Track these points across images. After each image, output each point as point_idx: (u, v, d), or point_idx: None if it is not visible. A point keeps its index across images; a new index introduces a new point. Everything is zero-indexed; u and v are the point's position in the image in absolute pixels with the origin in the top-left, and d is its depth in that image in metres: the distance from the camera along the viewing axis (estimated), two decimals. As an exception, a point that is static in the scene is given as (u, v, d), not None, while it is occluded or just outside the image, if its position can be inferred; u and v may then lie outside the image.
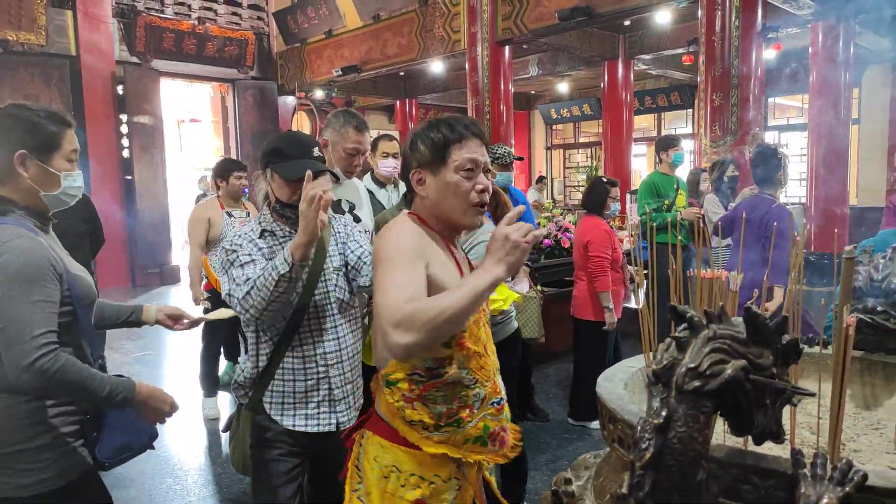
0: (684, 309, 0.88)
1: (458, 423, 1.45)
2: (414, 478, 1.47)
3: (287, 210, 1.86)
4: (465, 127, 1.47)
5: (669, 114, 14.37)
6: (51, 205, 1.63)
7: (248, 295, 1.72)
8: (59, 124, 1.60)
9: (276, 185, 1.86)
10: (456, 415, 1.45)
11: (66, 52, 9.89)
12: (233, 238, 1.86)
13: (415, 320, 1.26)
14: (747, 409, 0.83)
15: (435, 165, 1.46)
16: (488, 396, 1.48)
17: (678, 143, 5.01)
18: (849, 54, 7.90)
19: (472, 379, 1.46)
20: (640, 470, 0.77)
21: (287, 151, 1.85)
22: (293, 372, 1.87)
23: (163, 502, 3.25)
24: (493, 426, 1.49)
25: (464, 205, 1.45)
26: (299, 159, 1.83)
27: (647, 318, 1.38)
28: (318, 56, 11.78)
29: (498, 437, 1.51)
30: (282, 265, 1.68)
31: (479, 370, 1.47)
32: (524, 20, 8.39)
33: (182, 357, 6.22)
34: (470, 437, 1.47)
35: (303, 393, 1.88)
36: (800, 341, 0.89)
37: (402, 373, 1.46)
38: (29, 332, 1.44)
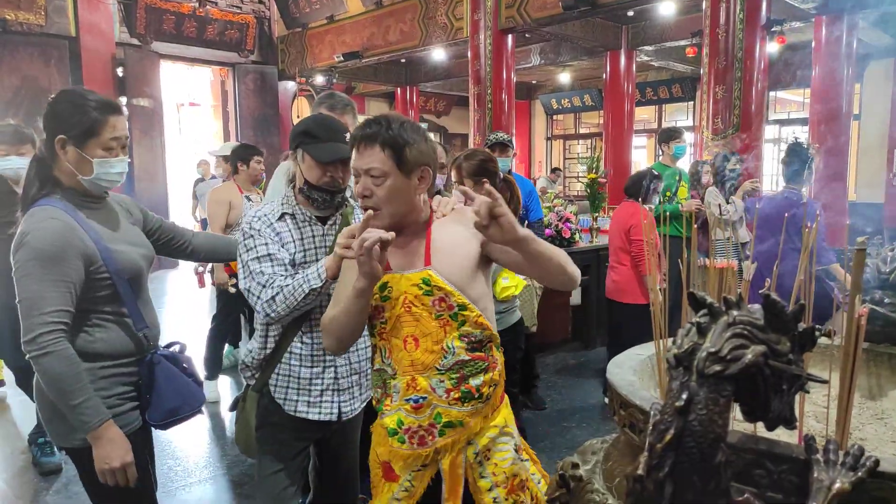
0: (703, 295, 0.89)
1: (381, 410, 1.59)
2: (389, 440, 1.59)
3: (315, 192, 1.85)
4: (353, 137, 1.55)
5: (670, 106, 14.36)
6: (90, 188, 1.72)
7: (273, 301, 1.74)
8: (103, 112, 1.67)
9: (307, 167, 1.84)
10: (382, 401, 1.59)
11: (65, 33, 9.81)
12: (251, 220, 1.85)
13: (322, 325, 1.61)
14: (764, 394, 0.84)
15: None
16: (402, 391, 1.52)
17: (680, 135, 5.02)
18: (851, 49, 7.90)
19: (393, 370, 1.54)
20: (660, 451, 0.78)
21: (318, 133, 1.84)
22: (300, 357, 1.89)
23: (164, 484, 3.27)
24: (409, 422, 1.52)
25: None
26: (331, 142, 1.83)
27: (657, 306, 1.39)
28: (320, 41, 11.72)
29: (415, 434, 1.53)
30: (314, 280, 1.71)
31: (397, 363, 1.53)
32: (527, 9, 8.36)
33: (181, 340, 6.22)
34: (387, 426, 1.55)
35: (308, 379, 1.89)
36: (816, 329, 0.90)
37: None
38: (39, 308, 1.56)
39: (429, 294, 1.50)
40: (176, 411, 1.81)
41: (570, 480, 1.46)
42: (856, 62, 8.12)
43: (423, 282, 1.50)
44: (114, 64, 10.30)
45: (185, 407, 1.84)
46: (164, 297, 8.65)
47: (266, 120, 12.35)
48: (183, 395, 1.82)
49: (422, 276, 1.50)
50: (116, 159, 1.71)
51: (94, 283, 1.67)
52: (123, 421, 1.72)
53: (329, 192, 1.85)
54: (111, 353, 1.72)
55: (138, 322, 1.77)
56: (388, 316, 1.52)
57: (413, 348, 1.50)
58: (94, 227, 1.70)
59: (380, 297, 1.51)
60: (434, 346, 1.50)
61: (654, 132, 14.86)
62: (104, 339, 1.71)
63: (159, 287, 9.19)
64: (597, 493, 1.34)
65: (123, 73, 10.31)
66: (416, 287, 1.50)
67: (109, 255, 1.68)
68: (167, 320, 7.12)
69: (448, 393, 1.51)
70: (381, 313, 1.53)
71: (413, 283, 1.50)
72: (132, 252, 1.78)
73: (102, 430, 1.62)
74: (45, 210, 1.64)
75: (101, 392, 1.67)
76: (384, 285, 1.50)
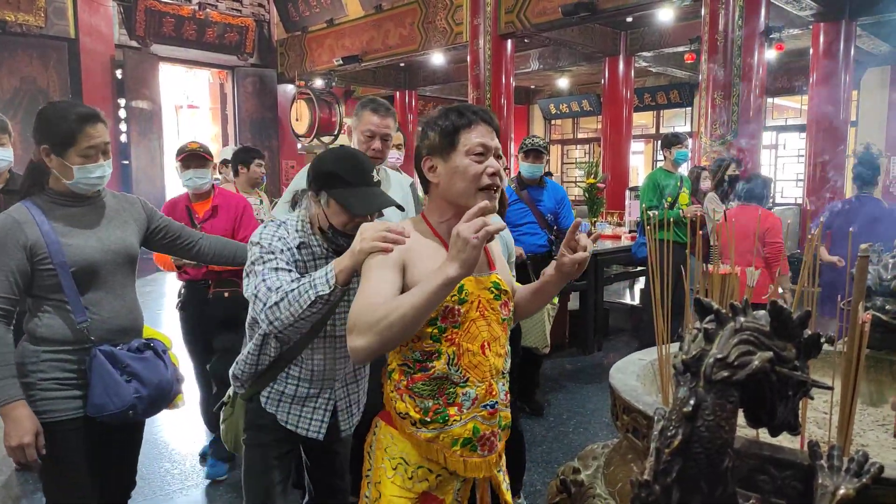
0: (710, 302, 0.89)
1: (444, 420, 1.44)
2: (421, 470, 1.48)
3: (339, 237, 1.73)
4: (475, 113, 1.46)
5: (668, 111, 14.40)
6: (76, 191, 1.88)
7: (277, 306, 1.57)
8: (80, 123, 1.82)
9: (332, 212, 1.71)
10: (443, 411, 1.44)
11: (65, 35, 9.81)
12: (270, 238, 1.71)
13: (364, 324, 1.31)
14: (771, 400, 0.85)
15: (445, 151, 1.44)
16: (480, 398, 1.45)
17: (682, 141, 5.03)
18: (849, 56, 7.95)
19: (461, 377, 1.44)
20: (668, 457, 0.78)
21: (348, 177, 1.69)
22: (297, 380, 1.84)
23: (160, 486, 3.27)
24: (484, 429, 1.47)
25: (473, 188, 1.43)
26: (362, 187, 1.70)
27: (659, 312, 1.40)
28: (319, 45, 11.74)
29: (488, 441, 1.48)
30: (322, 285, 1.53)
31: (471, 369, 1.44)
32: (527, 14, 8.39)
33: (178, 342, 6.21)
34: (458, 437, 1.45)
35: (302, 398, 1.85)
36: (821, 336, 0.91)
37: (395, 363, 1.49)
38: None
39: (497, 298, 1.50)
40: (102, 408, 1.86)
41: (572, 485, 1.46)
42: (853, 69, 8.16)
43: (494, 285, 1.50)
44: (113, 66, 10.30)
45: (110, 405, 1.86)
46: (162, 298, 8.64)
47: (265, 123, 12.35)
48: (108, 393, 1.86)
49: (492, 280, 1.50)
50: (95, 165, 1.85)
51: (39, 273, 1.81)
52: (59, 406, 1.84)
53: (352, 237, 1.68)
54: (51, 339, 1.84)
55: (78, 313, 1.84)
56: (461, 320, 1.44)
57: (489, 353, 1.47)
58: (52, 223, 1.84)
59: (457, 299, 1.43)
60: (500, 349, 1.51)
61: (653, 138, 14.91)
62: (48, 325, 1.84)
63: (156, 290, 9.18)
64: (599, 497, 1.34)
65: (122, 75, 10.31)
66: (488, 291, 1.49)
67: (57, 248, 1.81)
68: (166, 320, 7.11)
69: (506, 395, 1.54)
70: (454, 316, 1.43)
71: (485, 286, 1.48)
72: (87, 247, 1.87)
73: (9, 409, 1.73)
74: (12, 209, 1.83)
75: (40, 374, 1.82)
76: (461, 287, 1.43)
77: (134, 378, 1.92)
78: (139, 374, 1.94)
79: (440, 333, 1.43)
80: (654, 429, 0.91)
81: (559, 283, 1.57)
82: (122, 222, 2.00)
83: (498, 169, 1.45)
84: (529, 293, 1.67)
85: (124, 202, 2.06)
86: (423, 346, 1.44)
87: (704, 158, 6.19)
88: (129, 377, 1.91)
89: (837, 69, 7.86)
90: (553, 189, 4.25)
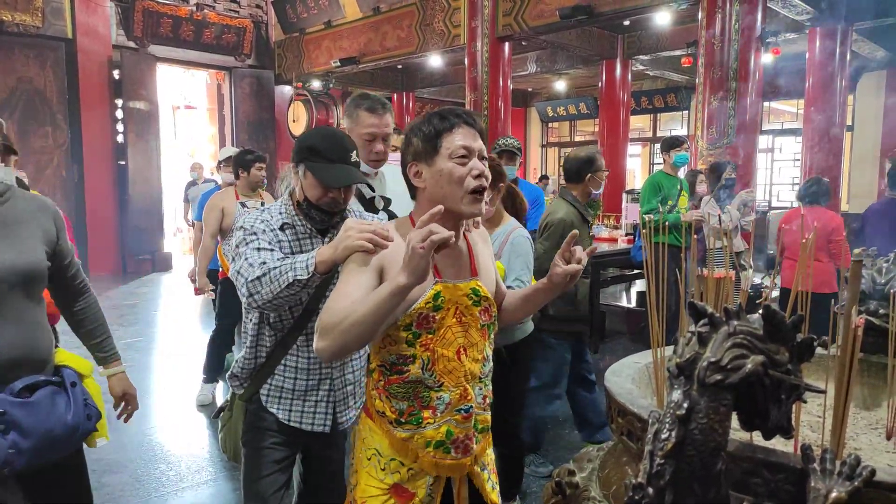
0: (703, 306, 0.90)
1: (418, 422, 1.47)
2: (394, 462, 1.51)
3: (314, 210, 1.79)
4: (457, 116, 1.47)
5: (665, 115, 14.45)
6: None
7: (259, 281, 1.62)
8: None
9: (308, 184, 1.77)
10: (417, 413, 1.47)
11: (62, 35, 9.80)
12: (253, 222, 1.77)
13: (325, 326, 1.35)
14: (764, 403, 0.85)
15: (428, 156, 1.44)
16: (454, 402, 1.47)
17: (682, 144, 5.03)
18: (845, 61, 7.98)
19: (436, 381, 1.45)
20: (661, 459, 0.79)
21: (326, 153, 1.74)
22: (295, 370, 1.85)
23: (155, 488, 3.26)
24: (457, 432, 1.49)
25: (460, 191, 1.42)
26: (339, 164, 1.74)
27: (654, 316, 1.40)
28: (317, 46, 11.75)
29: (461, 444, 1.50)
30: (301, 270, 1.57)
31: (445, 374, 1.46)
32: (525, 17, 8.41)
33: (174, 343, 6.21)
34: (431, 438, 1.47)
35: (302, 391, 1.86)
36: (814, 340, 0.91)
37: (375, 363, 1.52)
38: None
39: (477, 304, 1.51)
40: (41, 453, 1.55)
41: (567, 487, 1.47)
42: (849, 74, 8.19)
43: (473, 292, 1.50)
44: (110, 66, 10.29)
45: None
46: (158, 299, 8.63)
47: (262, 124, 12.35)
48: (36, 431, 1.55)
49: (471, 286, 1.50)
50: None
51: None
52: None
53: (328, 212, 1.79)
54: None
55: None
56: (436, 326, 1.45)
57: (465, 359, 1.48)
58: None
59: (432, 305, 1.44)
60: (478, 355, 1.52)
61: (649, 141, 14.95)
62: None
63: (152, 290, 9.16)
64: (593, 500, 1.34)
65: (120, 76, 10.30)
66: (466, 297, 1.49)
67: None
68: (163, 323, 7.11)
69: (484, 399, 1.55)
70: (429, 323, 1.45)
71: (464, 292, 1.49)
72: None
73: None
74: None
75: None
76: (437, 294, 1.45)
77: (13, 428, 1.55)
78: (19, 423, 1.57)
79: (414, 339, 1.45)
80: (649, 431, 0.92)
81: (549, 292, 1.58)
82: (27, 232, 1.62)
83: (482, 170, 1.45)
84: (518, 299, 1.69)
85: (42, 208, 1.68)
86: (398, 350, 1.46)
87: (701, 162, 6.21)
88: (3, 427, 1.54)
89: (834, 73, 7.89)
90: (527, 189, 4.15)
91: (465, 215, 1.47)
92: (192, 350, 5.65)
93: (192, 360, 5.28)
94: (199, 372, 4.59)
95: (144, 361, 5.53)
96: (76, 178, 10.10)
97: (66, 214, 6.06)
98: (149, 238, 10.76)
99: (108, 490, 3.20)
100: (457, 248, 1.54)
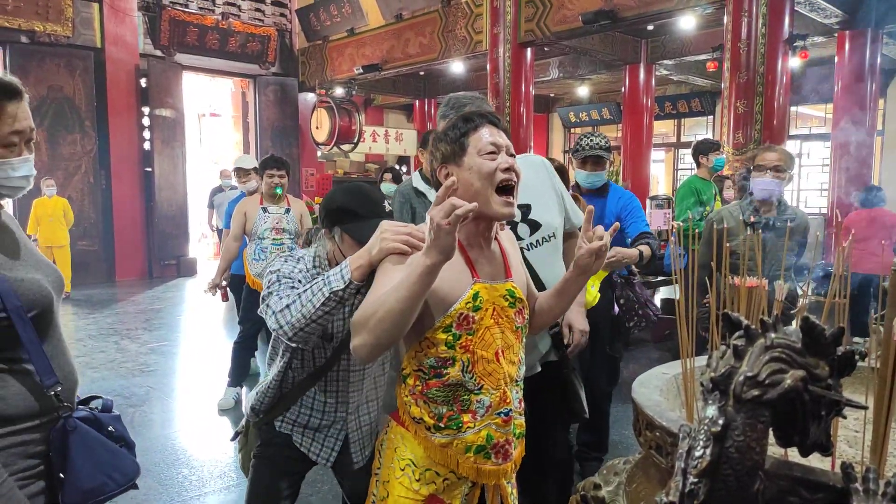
0: (738, 317, 0.86)
1: (458, 427, 1.45)
2: (429, 473, 1.49)
3: None
4: (481, 116, 1.50)
5: (689, 120, 14.28)
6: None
7: (287, 309, 1.54)
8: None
9: (347, 246, 1.69)
10: (457, 418, 1.45)
11: (91, 44, 10.01)
12: (290, 270, 1.69)
13: (359, 322, 1.34)
14: (803, 420, 0.82)
15: (457, 157, 1.47)
16: (494, 405, 1.45)
17: (719, 148, 4.92)
18: (875, 65, 7.82)
19: (476, 384, 1.44)
20: (696, 478, 0.75)
21: (359, 211, 1.68)
22: (311, 409, 1.84)
23: (178, 492, 3.27)
24: (497, 437, 1.47)
25: (489, 186, 1.43)
26: (373, 219, 1.66)
27: (683, 325, 1.37)
28: (340, 54, 11.84)
29: (502, 449, 1.48)
30: (336, 281, 1.49)
31: (485, 376, 1.44)
32: (547, 23, 8.38)
33: (198, 348, 6.26)
34: (471, 444, 1.45)
35: (314, 429, 1.86)
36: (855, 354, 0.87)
37: (410, 368, 1.49)
38: None
39: (512, 306, 1.50)
40: (98, 491, 1.39)
41: (592, 502, 1.43)
42: (879, 78, 8.03)
43: (509, 293, 1.50)
44: (137, 75, 10.48)
45: (110, 484, 1.42)
46: (183, 304, 8.71)
47: (285, 131, 12.47)
48: (106, 469, 1.41)
49: (507, 288, 1.51)
50: (19, 159, 1.32)
51: None
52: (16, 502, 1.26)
53: None
54: (6, 417, 1.28)
55: (46, 375, 1.31)
56: (476, 327, 1.44)
57: (503, 360, 1.47)
58: None
59: (472, 306, 1.43)
60: (514, 357, 1.51)
61: (673, 146, 14.78)
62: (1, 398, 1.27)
63: (177, 295, 9.26)
64: (621, 515, 1.31)
65: (147, 84, 10.48)
66: (503, 298, 1.49)
67: (5, 286, 1.27)
68: (188, 327, 7.18)
69: (520, 403, 1.54)
70: (469, 323, 1.43)
71: (500, 294, 1.49)
72: (39, 280, 1.35)
73: None
74: None
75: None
76: (476, 294, 1.44)
77: (121, 442, 1.49)
78: (125, 437, 1.51)
79: (454, 340, 1.43)
80: (680, 447, 0.88)
81: (579, 279, 1.56)
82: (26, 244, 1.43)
83: (511, 164, 1.47)
84: (552, 296, 1.66)
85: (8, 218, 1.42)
86: (437, 353, 1.44)
87: (727, 168, 6.12)
88: (124, 443, 1.49)
89: (863, 77, 7.74)
90: (616, 195, 3.44)
91: (497, 217, 1.48)
92: (216, 355, 5.70)
93: (216, 364, 5.32)
94: (222, 376, 4.62)
95: (169, 365, 5.58)
96: (104, 184, 10.28)
97: (94, 219, 6.20)
98: (174, 243, 10.90)
99: (131, 494, 3.21)
100: (490, 250, 1.55)
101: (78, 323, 7.15)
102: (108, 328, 6.85)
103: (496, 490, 1.55)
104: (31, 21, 9.35)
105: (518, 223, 2.10)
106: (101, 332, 6.66)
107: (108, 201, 10.32)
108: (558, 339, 2.19)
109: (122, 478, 1.46)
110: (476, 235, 1.51)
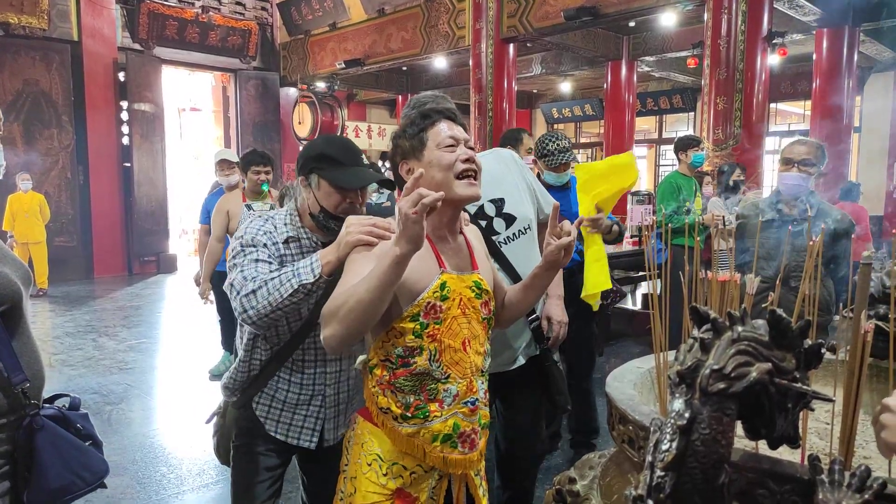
0: (706, 310, 0.87)
1: (425, 416, 1.46)
2: (396, 467, 1.50)
3: (331, 221, 1.69)
4: (438, 112, 1.55)
5: (671, 116, 14.39)
6: None
7: (254, 294, 1.55)
8: None
9: (323, 194, 1.68)
10: (424, 407, 1.46)
11: (67, 37, 9.84)
12: (254, 233, 1.68)
13: (330, 313, 1.36)
14: (770, 412, 0.82)
15: (417, 151, 1.51)
16: (461, 394, 1.47)
17: (698, 144, 4.94)
18: (852, 61, 7.92)
19: (443, 373, 1.46)
20: (662, 472, 0.76)
21: (339, 158, 1.68)
22: (288, 383, 1.80)
23: (156, 491, 3.24)
24: (464, 426, 1.48)
25: (451, 176, 1.47)
26: (353, 167, 1.69)
27: (658, 319, 1.37)
28: (322, 48, 11.76)
29: (468, 438, 1.50)
30: (306, 274, 1.52)
31: (452, 366, 1.46)
32: (529, 18, 8.38)
33: (178, 345, 6.20)
34: (438, 433, 1.46)
35: (293, 404, 1.82)
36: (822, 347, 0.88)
37: (377, 358, 1.50)
38: None
39: (478, 297, 1.53)
40: (66, 490, 1.38)
41: (567, 496, 1.43)
42: (856, 74, 8.14)
43: (475, 284, 1.53)
44: (115, 68, 10.33)
45: (79, 483, 1.40)
46: (162, 301, 8.63)
47: (267, 126, 12.37)
48: (75, 468, 1.39)
49: (473, 279, 1.53)
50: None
51: None
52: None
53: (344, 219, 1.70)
54: None
55: (14, 371, 1.28)
56: (443, 316, 1.46)
57: (470, 350, 1.50)
58: None
59: (439, 295, 1.45)
60: (480, 348, 1.53)
61: (655, 142, 14.89)
62: None
63: (157, 292, 9.17)
64: (595, 509, 1.31)
65: (125, 78, 10.34)
66: (469, 289, 1.51)
67: None
68: (167, 325, 7.11)
69: (485, 394, 1.56)
70: (436, 313, 1.45)
71: (467, 284, 1.51)
72: (7, 274, 1.33)
73: None
74: None
75: None
76: (443, 284, 1.46)
77: (90, 441, 1.48)
78: (93, 435, 1.49)
79: (422, 329, 1.45)
80: (649, 441, 0.89)
81: (548, 274, 1.60)
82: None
83: (471, 155, 1.50)
84: (520, 290, 1.69)
85: None
86: (405, 342, 1.45)
87: (707, 163, 6.16)
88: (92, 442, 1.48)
89: (841, 74, 7.84)
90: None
91: (463, 200, 1.51)
92: (196, 352, 5.64)
93: (196, 362, 5.27)
94: (202, 374, 4.59)
95: (148, 363, 5.52)
96: (81, 179, 10.13)
97: (72, 215, 6.14)
98: (154, 240, 10.78)
99: (108, 493, 3.17)
100: (457, 243, 1.57)
101: (55, 320, 7.05)
102: (86, 325, 6.75)
103: (462, 481, 1.55)
104: (5, 13, 9.18)
105: (493, 217, 2.12)
106: (79, 330, 6.57)
107: (86, 197, 10.17)
108: (538, 332, 2.20)
109: (92, 476, 1.45)
110: (441, 227, 1.53)
